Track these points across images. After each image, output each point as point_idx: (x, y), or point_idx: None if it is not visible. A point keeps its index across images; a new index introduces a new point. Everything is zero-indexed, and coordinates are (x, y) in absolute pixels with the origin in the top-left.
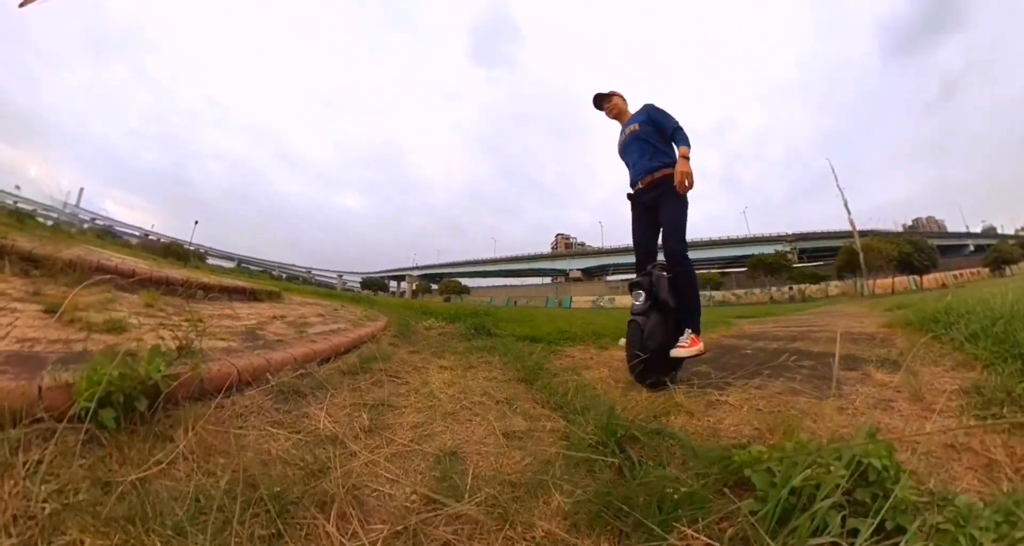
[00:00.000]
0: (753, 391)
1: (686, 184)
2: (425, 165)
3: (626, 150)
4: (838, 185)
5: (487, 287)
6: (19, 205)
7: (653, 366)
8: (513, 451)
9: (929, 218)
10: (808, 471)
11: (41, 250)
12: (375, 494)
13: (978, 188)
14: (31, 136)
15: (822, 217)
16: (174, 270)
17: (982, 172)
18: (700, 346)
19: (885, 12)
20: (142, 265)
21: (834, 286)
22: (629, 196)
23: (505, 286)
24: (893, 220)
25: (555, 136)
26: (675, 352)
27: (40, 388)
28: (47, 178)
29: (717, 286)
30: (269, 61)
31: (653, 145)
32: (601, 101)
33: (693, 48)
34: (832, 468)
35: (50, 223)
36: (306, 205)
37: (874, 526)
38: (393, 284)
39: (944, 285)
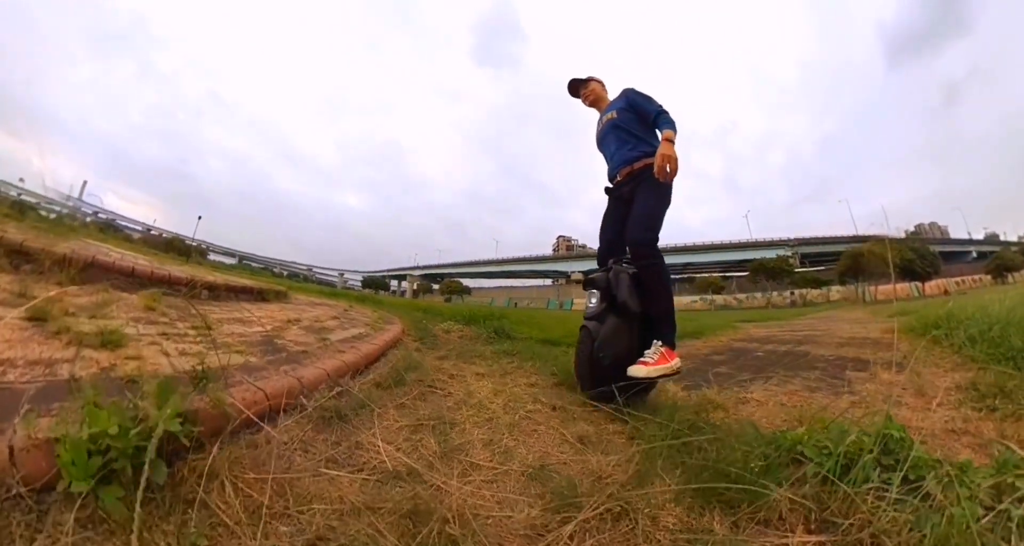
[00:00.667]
0: (774, 389)
1: (667, 170)
2: (426, 165)
3: (603, 140)
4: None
5: (488, 288)
6: (23, 197)
7: (605, 380)
8: (595, 454)
9: (932, 224)
10: (851, 439)
11: (33, 243)
12: (494, 522)
13: (981, 195)
14: (37, 129)
15: (824, 221)
16: (176, 267)
17: (985, 179)
18: (674, 363)
19: (889, 16)
20: (142, 261)
21: (835, 291)
22: (607, 190)
23: (506, 287)
24: (896, 226)
25: (557, 137)
26: (633, 370)
27: (11, 449)
28: (50, 171)
29: (719, 290)
30: (272, 58)
31: (633, 134)
32: (577, 87)
33: (696, 50)
34: (865, 439)
35: (52, 216)
36: (307, 203)
37: (901, 477)
38: (394, 283)
39: (946, 292)
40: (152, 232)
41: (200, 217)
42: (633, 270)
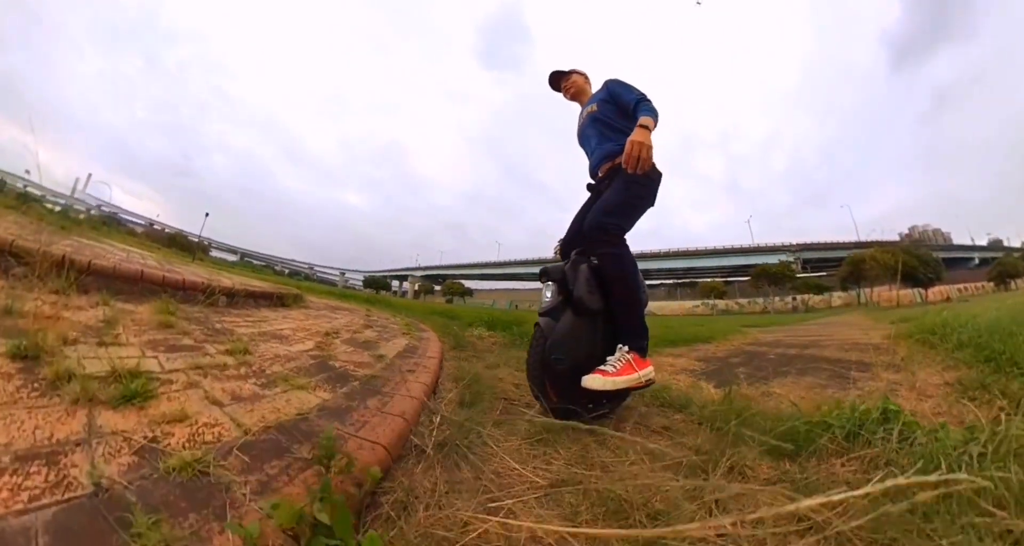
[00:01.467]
0: (791, 385)
1: (635, 155)
2: (429, 166)
3: (583, 135)
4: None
5: (489, 289)
6: (28, 189)
7: (564, 390)
8: (683, 437)
9: (935, 230)
10: (860, 411)
11: (26, 242)
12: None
13: (984, 199)
14: (43, 121)
15: (826, 226)
16: (185, 268)
17: (989, 183)
18: (643, 373)
19: (892, 22)
20: (151, 262)
21: (837, 297)
22: (589, 186)
23: (508, 289)
24: (897, 232)
25: (560, 139)
26: (588, 380)
27: None
28: (53, 163)
29: (721, 295)
30: (278, 56)
31: (614, 127)
32: (559, 80)
33: (702, 55)
34: (871, 411)
35: (57, 209)
36: (309, 201)
37: (897, 432)
38: (395, 284)
39: (948, 298)
40: (155, 227)
41: (208, 214)
42: (595, 262)
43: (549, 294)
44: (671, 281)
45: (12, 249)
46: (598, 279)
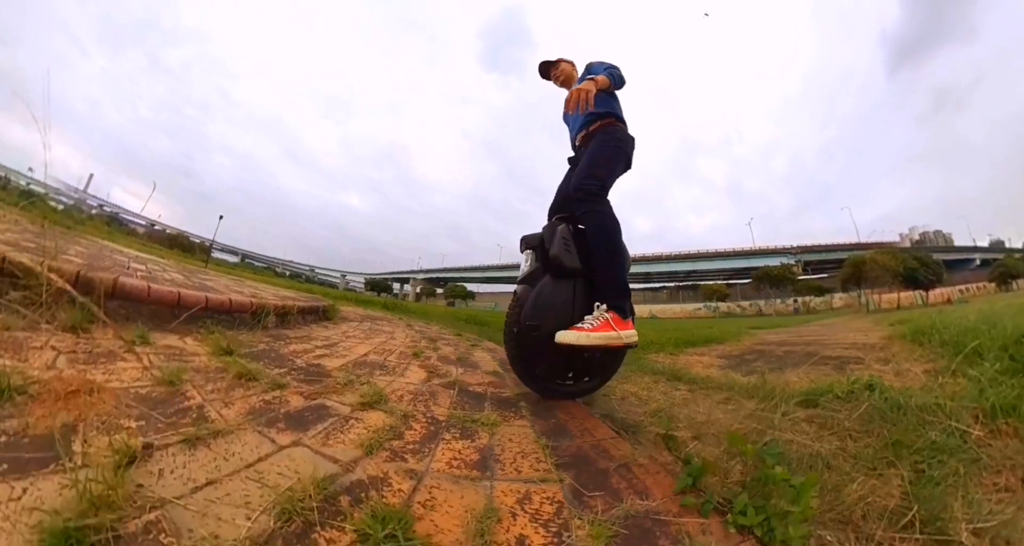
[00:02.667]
0: (801, 374)
1: (574, 98)
2: (431, 168)
3: (567, 114)
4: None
5: (491, 292)
6: (31, 186)
7: (540, 360)
8: (751, 421)
9: (936, 231)
10: (855, 384)
11: (23, 259)
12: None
13: (985, 200)
14: (50, 120)
15: (826, 229)
16: (220, 281)
17: (990, 185)
18: (624, 333)
19: (890, 21)
20: (176, 276)
21: (838, 298)
22: (569, 160)
23: (510, 292)
24: (898, 233)
25: (561, 142)
26: (561, 335)
27: None
28: (58, 162)
29: (723, 297)
30: (282, 57)
31: (600, 98)
32: (548, 68)
33: (704, 59)
34: (859, 384)
35: (60, 208)
36: (310, 202)
37: (878, 393)
38: (396, 286)
39: (949, 300)
40: (156, 227)
41: (221, 217)
42: (575, 226)
43: (527, 262)
44: (673, 284)
45: (4, 265)
46: (577, 240)
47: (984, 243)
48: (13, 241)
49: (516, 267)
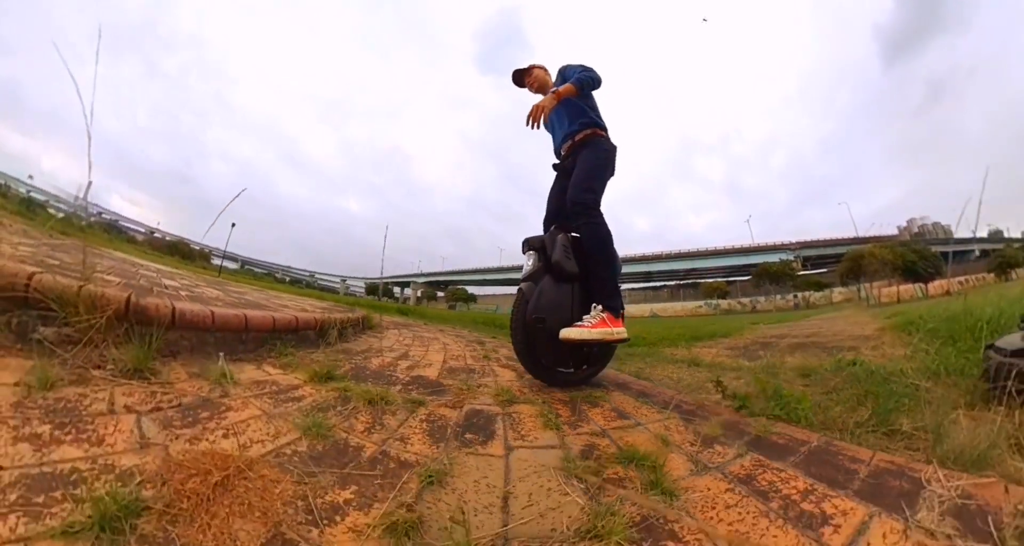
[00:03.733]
0: (800, 359)
1: (529, 114)
2: (431, 171)
3: (549, 121)
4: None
5: (492, 295)
6: (31, 194)
7: (544, 350)
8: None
9: (935, 223)
10: (844, 362)
11: (48, 282)
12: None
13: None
14: (48, 128)
15: (825, 223)
16: (253, 294)
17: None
18: (617, 330)
19: (883, 15)
20: (216, 293)
21: (838, 292)
22: (554, 166)
23: (511, 294)
24: (896, 226)
25: None
26: (565, 332)
27: None
28: (59, 170)
29: (724, 295)
30: (279, 63)
31: (574, 109)
32: (522, 76)
33: (700, 60)
34: (845, 361)
35: (60, 215)
36: (309, 207)
37: (858, 364)
38: (396, 290)
39: (948, 292)
40: (156, 235)
41: (234, 224)
42: (573, 235)
43: (530, 262)
44: (673, 283)
45: (29, 294)
46: (575, 247)
47: (983, 234)
48: (32, 257)
49: (517, 269)
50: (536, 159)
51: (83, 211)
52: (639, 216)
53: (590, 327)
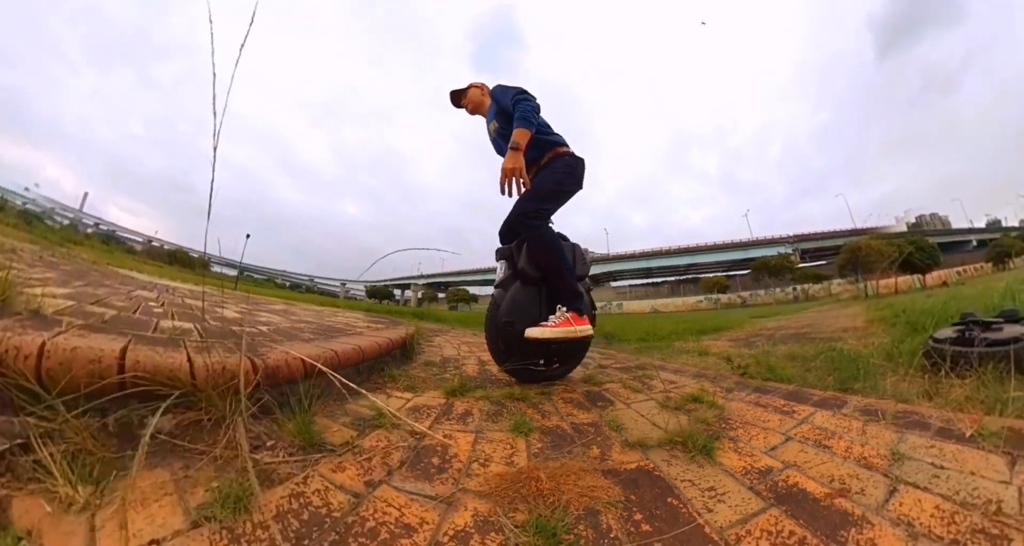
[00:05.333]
0: (791, 347)
1: (503, 182)
2: (427, 173)
3: (497, 149)
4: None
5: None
6: (28, 206)
7: (517, 349)
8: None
9: (932, 214)
10: (823, 346)
11: (169, 360)
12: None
13: (981, 179)
14: (46, 139)
15: (823, 214)
16: (308, 313)
17: (985, 164)
18: (580, 328)
19: (877, 5)
20: (280, 321)
21: (836, 283)
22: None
23: None
24: (895, 216)
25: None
26: (529, 331)
27: None
28: (60, 181)
29: (723, 289)
30: (273, 68)
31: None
32: (458, 98)
33: (694, 53)
34: (833, 350)
35: (58, 227)
36: (307, 212)
37: (835, 350)
38: (397, 292)
39: (945, 283)
40: (154, 243)
41: (248, 236)
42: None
43: (501, 270)
44: (673, 278)
45: (127, 378)
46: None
47: (981, 224)
48: (77, 307)
49: None
50: None
51: (79, 223)
52: (636, 212)
53: (553, 326)
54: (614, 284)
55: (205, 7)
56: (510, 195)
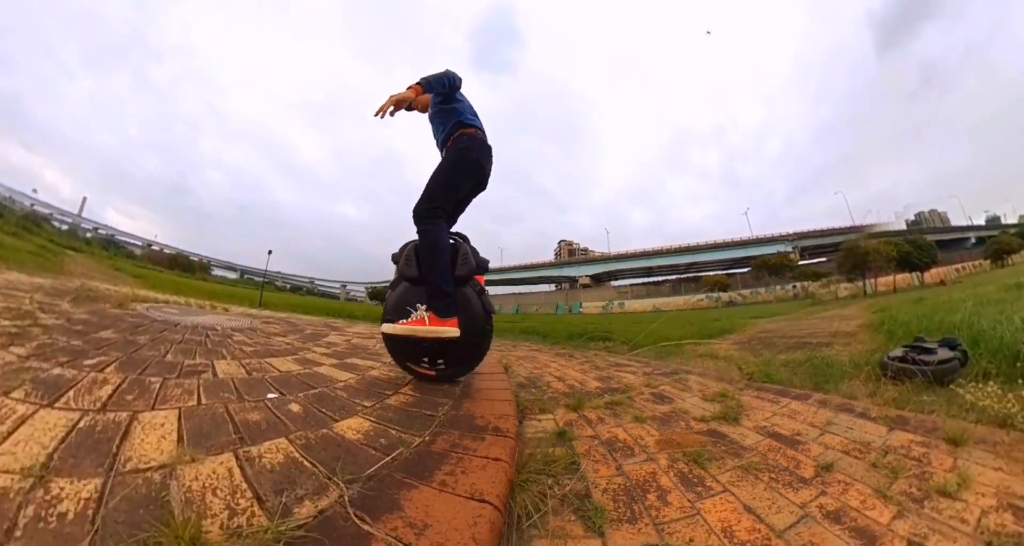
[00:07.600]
0: (787, 354)
1: (382, 106)
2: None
3: (434, 136)
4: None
5: (493, 295)
6: (35, 207)
7: (403, 347)
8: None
9: (931, 211)
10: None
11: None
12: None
13: (981, 177)
14: (46, 144)
15: (823, 210)
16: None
17: (984, 161)
18: (437, 328)
19: (876, 1)
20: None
21: (844, 288)
22: None
23: (513, 294)
24: (894, 212)
25: (556, 141)
26: (383, 327)
27: None
28: (60, 184)
29: (724, 288)
30: (270, 70)
31: (440, 113)
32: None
33: (694, 51)
34: (822, 353)
35: (62, 229)
36: (307, 214)
37: (819, 358)
38: None
39: (943, 281)
40: (154, 247)
41: (271, 251)
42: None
43: (396, 272)
44: (674, 277)
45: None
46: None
47: (980, 221)
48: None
49: (515, 269)
50: (534, 158)
51: (79, 227)
52: (636, 210)
53: (403, 324)
54: (615, 283)
55: (201, 8)
56: (381, 117)
